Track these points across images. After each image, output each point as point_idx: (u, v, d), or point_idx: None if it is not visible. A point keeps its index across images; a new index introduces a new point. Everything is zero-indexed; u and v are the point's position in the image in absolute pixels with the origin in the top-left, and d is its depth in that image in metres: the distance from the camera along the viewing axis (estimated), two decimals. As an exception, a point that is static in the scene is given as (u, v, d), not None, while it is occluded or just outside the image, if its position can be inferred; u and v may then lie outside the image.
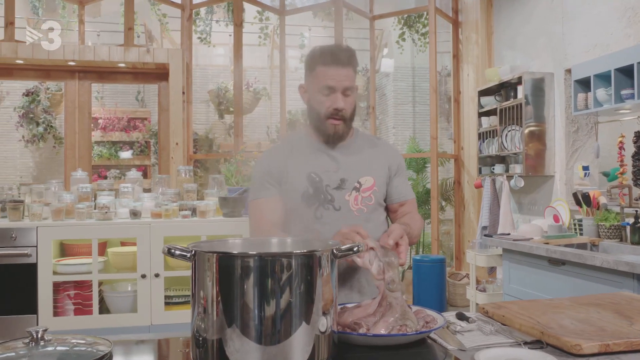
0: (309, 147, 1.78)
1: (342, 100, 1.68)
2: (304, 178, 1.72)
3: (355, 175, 1.75)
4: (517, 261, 3.56)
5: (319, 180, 1.72)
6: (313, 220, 1.71)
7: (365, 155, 1.80)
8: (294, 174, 1.73)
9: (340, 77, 1.67)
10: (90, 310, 3.26)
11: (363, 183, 1.75)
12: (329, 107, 1.69)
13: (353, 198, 1.73)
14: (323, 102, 1.69)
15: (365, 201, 1.75)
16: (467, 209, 5.54)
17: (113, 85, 7.26)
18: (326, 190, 1.72)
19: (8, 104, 7.28)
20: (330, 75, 1.66)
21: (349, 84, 1.68)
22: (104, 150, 7.43)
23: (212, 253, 1.09)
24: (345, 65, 1.67)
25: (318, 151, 1.77)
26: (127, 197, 3.44)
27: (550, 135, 4.28)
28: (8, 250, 3.13)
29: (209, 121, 7.88)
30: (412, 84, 7.69)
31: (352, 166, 1.76)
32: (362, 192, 1.74)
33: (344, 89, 1.68)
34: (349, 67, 1.68)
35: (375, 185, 1.76)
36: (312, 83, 1.72)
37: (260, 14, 5.65)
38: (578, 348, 1.20)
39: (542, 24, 4.42)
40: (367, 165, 1.78)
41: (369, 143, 1.85)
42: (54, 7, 6.00)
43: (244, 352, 1.05)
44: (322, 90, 1.68)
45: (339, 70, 1.66)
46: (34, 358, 1.13)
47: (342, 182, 1.73)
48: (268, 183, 1.74)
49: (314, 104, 1.73)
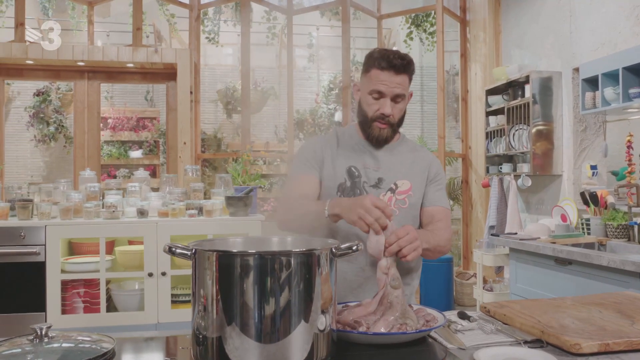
0: (354, 143, 1.81)
1: (391, 107, 1.70)
2: (344, 170, 1.76)
3: (393, 177, 1.77)
4: (524, 261, 3.55)
5: (358, 175, 1.75)
6: None
7: (406, 159, 1.81)
8: (336, 163, 1.77)
9: (393, 84, 1.68)
10: (98, 309, 3.29)
11: (400, 185, 1.76)
12: (376, 110, 1.71)
13: (387, 199, 1.75)
14: (372, 105, 1.72)
15: (398, 203, 1.75)
16: (475, 208, 5.53)
17: (122, 85, 7.30)
18: (363, 187, 1.74)
19: (19, 104, 7.34)
20: (383, 80, 1.67)
21: (400, 91, 1.69)
22: (113, 150, 7.47)
23: (212, 252, 1.11)
24: (400, 72, 1.67)
25: (362, 148, 1.80)
26: (135, 196, 3.46)
27: (558, 134, 4.26)
28: (17, 249, 3.17)
29: (218, 121, 7.91)
30: (421, 83, 7.67)
31: (392, 168, 1.78)
32: (397, 195, 1.76)
33: (394, 96, 1.69)
34: (403, 75, 1.68)
35: (411, 189, 1.77)
36: (365, 84, 1.73)
37: (268, 14, 5.66)
38: (577, 347, 1.20)
39: (550, 23, 4.39)
40: (407, 169, 1.79)
41: (412, 149, 1.87)
42: (64, 8, 6.05)
43: (243, 350, 1.06)
44: (373, 93, 1.70)
45: (392, 77, 1.67)
46: (38, 354, 1.14)
47: (379, 181, 1.75)
48: (310, 163, 1.78)
49: (363, 105, 1.75)
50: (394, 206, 1.75)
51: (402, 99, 1.71)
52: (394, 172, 1.77)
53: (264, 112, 7.62)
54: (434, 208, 1.84)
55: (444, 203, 1.85)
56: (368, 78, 1.71)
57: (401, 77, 1.68)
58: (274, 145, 7.60)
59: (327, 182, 1.76)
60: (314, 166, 1.78)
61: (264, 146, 7.77)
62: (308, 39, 7.24)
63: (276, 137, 7.85)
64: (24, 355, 1.15)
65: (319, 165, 1.78)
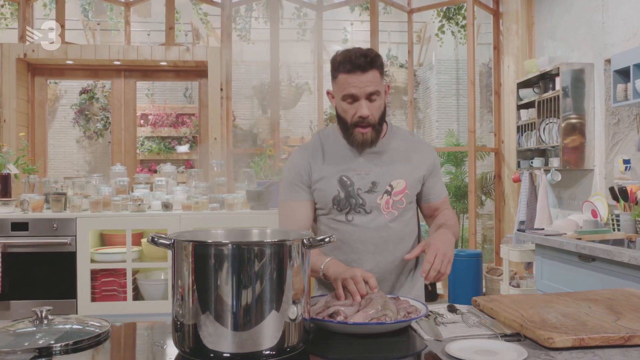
0: (341, 149, 1.74)
1: (367, 107, 1.63)
2: (335, 181, 1.71)
3: (387, 179, 1.72)
4: (549, 257, 3.48)
5: (350, 183, 1.70)
6: (344, 223, 1.73)
7: (398, 156, 1.75)
8: (325, 176, 1.72)
9: (362, 84, 1.60)
10: (125, 297, 3.44)
11: (395, 186, 1.72)
12: (354, 115, 1.64)
13: (384, 202, 1.72)
14: (348, 111, 1.65)
15: (396, 204, 1.73)
16: (507, 203, 5.43)
17: (162, 82, 7.51)
18: (357, 194, 1.70)
19: (65, 102, 7.67)
20: (352, 82, 1.61)
21: (372, 88, 1.61)
22: (153, 145, 7.70)
23: (188, 242, 1.17)
24: (366, 70, 1.60)
25: (350, 153, 1.73)
26: (161, 190, 3.59)
27: (590, 128, 4.14)
28: (50, 239, 3.35)
29: (254, 116, 8.03)
30: (456, 77, 7.56)
31: (384, 169, 1.72)
32: (394, 196, 1.72)
33: (367, 95, 1.62)
34: (371, 71, 1.61)
35: (407, 188, 1.74)
36: (336, 91, 1.68)
37: (299, 10, 5.72)
38: (551, 341, 1.20)
39: (582, 13, 4.27)
40: (400, 167, 1.74)
41: (403, 142, 1.79)
42: (103, 9, 6.28)
43: (216, 337, 1.12)
44: (346, 98, 1.64)
45: (360, 77, 1.60)
46: (37, 333, 1.25)
47: (373, 185, 1.71)
48: (297, 186, 1.74)
49: (340, 112, 1.69)
50: (391, 208, 1.72)
51: (377, 96, 1.64)
52: (387, 173, 1.72)
53: (299, 108, 7.69)
54: (439, 201, 1.85)
55: (445, 192, 1.88)
56: (337, 84, 1.65)
57: (370, 74, 1.60)
58: (308, 140, 7.65)
59: (320, 198, 1.73)
60: (302, 188, 1.74)
61: (300, 141, 7.85)
62: (343, 34, 7.25)
63: (311, 132, 7.91)
64: (27, 334, 1.26)
65: (306, 185, 1.74)
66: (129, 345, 1.35)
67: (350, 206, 1.71)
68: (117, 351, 1.27)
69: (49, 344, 1.18)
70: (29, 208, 3.38)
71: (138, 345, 1.35)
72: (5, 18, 5.54)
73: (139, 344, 1.36)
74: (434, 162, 1.82)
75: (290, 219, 1.75)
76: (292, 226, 1.73)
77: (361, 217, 1.72)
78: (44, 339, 1.22)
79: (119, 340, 1.33)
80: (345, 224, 1.73)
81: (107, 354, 1.22)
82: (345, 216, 1.73)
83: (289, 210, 1.76)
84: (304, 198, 1.75)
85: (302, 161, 1.76)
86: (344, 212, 1.72)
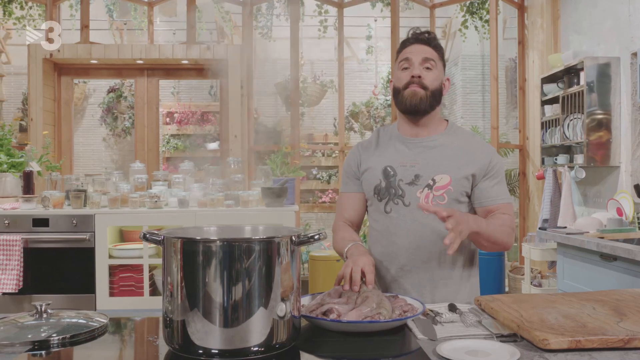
0: (393, 140, 1.77)
1: (420, 70, 1.67)
2: (379, 171, 1.73)
3: (430, 172, 1.68)
4: (571, 256, 3.40)
5: (393, 174, 1.71)
6: (382, 214, 1.73)
7: (448, 151, 1.70)
8: (371, 166, 1.75)
9: (419, 51, 1.68)
10: (142, 292, 3.49)
11: (438, 181, 1.67)
12: (406, 76, 1.68)
13: (424, 195, 1.67)
14: (402, 77, 1.69)
15: (436, 199, 1.67)
16: (532, 201, 5.33)
17: (188, 80, 7.60)
18: (398, 185, 1.70)
19: (93, 100, 7.82)
20: (408, 50, 1.69)
21: (428, 55, 1.68)
22: (179, 143, 7.80)
23: (177, 238, 1.17)
24: (424, 42, 1.69)
25: (400, 144, 1.74)
26: (179, 187, 3.63)
27: (615, 124, 4.02)
28: (69, 235, 3.42)
29: (278, 114, 8.05)
30: (482, 72, 7.44)
31: (430, 162, 1.69)
32: (435, 191, 1.67)
33: (422, 60, 1.67)
34: (430, 47, 1.69)
35: (450, 184, 1.67)
36: (395, 67, 1.75)
37: (320, 7, 5.70)
38: (545, 342, 1.16)
39: (609, 6, 4.15)
40: (447, 162, 1.68)
41: (458, 139, 1.74)
42: (127, 9, 6.38)
43: (204, 333, 1.12)
44: (402, 64, 1.70)
45: (417, 46, 1.69)
46: (36, 326, 1.28)
47: (416, 177, 1.68)
48: (348, 178, 1.82)
49: (395, 82, 1.72)
50: (431, 202, 1.66)
51: (432, 66, 1.68)
52: (432, 166, 1.68)
53: (323, 105, 7.69)
54: (494, 206, 1.70)
55: (504, 198, 1.71)
56: (398, 60, 1.73)
57: (428, 48, 1.68)
58: (332, 137, 7.65)
59: (365, 187, 1.77)
60: (351, 180, 1.81)
61: (323, 138, 7.85)
62: (367, 30, 7.20)
63: (335, 129, 7.90)
64: (28, 327, 1.29)
65: (356, 177, 1.80)
66: (124, 340, 1.36)
67: (389, 196, 1.70)
68: (110, 345, 1.29)
69: (46, 337, 1.21)
70: (50, 204, 3.46)
71: (133, 340, 1.37)
72: (34, 19, 5.67)
73: (134, 339, 1.38)
74: (489, 163, 1.70)
75: (339, 210, 1.83)
76: (339, 217, 1.82)
77: (399, 209, 1.70)
78: (41, 331, 1.25)
79: (115, 335, 1.35)
80: (384, 216, 1.72)
81: (101, 348, 1.24)
82: (384, 207, 1.72)
83: (340, 201, 1.85)
84: (353, 190, 1.81)
85: (355, 154, 1.83)
86: (384, 202, 1.72)
